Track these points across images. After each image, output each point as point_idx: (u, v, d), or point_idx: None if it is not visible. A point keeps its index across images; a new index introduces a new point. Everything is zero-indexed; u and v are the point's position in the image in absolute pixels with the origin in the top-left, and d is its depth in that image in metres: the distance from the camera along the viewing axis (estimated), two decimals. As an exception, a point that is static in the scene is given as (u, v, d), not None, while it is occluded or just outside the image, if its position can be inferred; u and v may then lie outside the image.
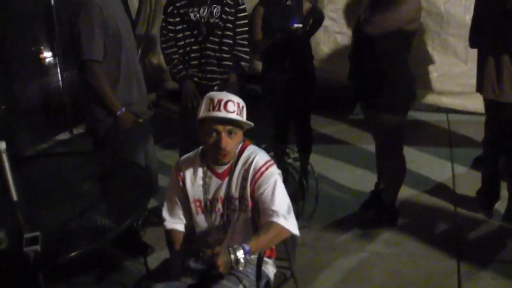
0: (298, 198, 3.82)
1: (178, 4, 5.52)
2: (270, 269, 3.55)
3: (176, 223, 3.58)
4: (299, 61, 5.94)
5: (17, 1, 7.77)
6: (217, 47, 5.56)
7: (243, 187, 3.37)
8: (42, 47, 8.34)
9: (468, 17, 7.32)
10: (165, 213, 3.58)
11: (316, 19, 6.11)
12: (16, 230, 3.47)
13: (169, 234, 3.57)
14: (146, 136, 5.38)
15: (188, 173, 3.48)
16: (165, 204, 3.60)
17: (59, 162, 4.91)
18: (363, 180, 6.43)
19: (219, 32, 5.54)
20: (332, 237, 5.43)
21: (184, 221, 3.60)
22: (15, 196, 3.74)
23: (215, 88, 5.49)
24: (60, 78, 8.26)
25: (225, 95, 3.25)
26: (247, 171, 3.35)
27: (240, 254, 2.96)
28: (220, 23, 5.51)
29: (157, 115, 5.53)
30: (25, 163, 4.87)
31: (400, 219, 5.53)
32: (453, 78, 7.71)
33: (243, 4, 5.69)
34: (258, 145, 3.56)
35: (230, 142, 3.25)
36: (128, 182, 4.20)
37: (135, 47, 5.34)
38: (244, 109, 3.32)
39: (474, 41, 5.36)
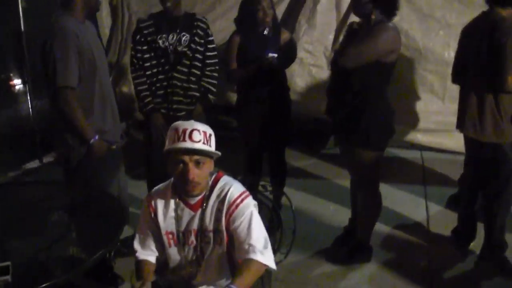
0: (274, 230, 3.73)
1: (145, 32, 5.48)
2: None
3: (148, 254, 3.44)
4: (276, 93, 5.87)
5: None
6: (184, 77, 5.49)
7: (217, 220, 3.26)
8: (11, 74, 8.23)
9: (446, 54, 7.36)
10: (136, 245, 3.44)
11: (289, 54, 6.03)
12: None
13: (140, 264, 3.40)
14: (118, 165, 5.25)
15: (160, 205, 3.36)
16: (137, 236, 3.46)
17: (29, 191, 4.75)
18: (337, 215, 6.34)
19: (187, 62, 5.48)
20: (305, 272, 5.33)
21: (156, 253, 3.46)
22: (-17, 226, 3.60)
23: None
24: (30, 106, 8.10)
25: (190, 124, 3.16)
26: (221, 203, 3.25)
27: None
28: (189, 52, 5.46)
29: (126, 145, 5.42)
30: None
31: (373, 255, 5.45)
32: (429, 115, 7.67)
33: (211, 35, 5.67)
34: (234, 177, 3.47)
35: (198, 173, 3.15)
36: (101, 213, 4.06)
37: (108, 76, 5.21)
38: (212, 137, 3.22)
39: (456, 77, 5.33)
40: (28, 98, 8.11)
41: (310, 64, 7.85)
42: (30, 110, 8.13)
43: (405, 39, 7.14)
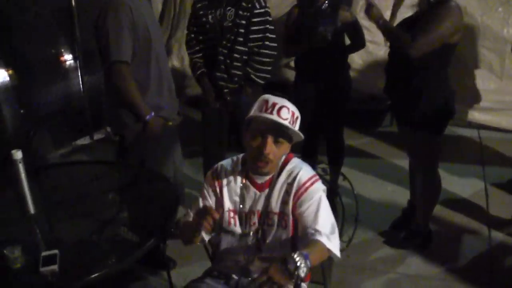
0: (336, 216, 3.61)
1: (198, 6, 5.39)
2: (304, 294, 3.30)
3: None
4: (332, 70, 5.74)
5: (37, 2, 7.61)
6: (226, 52, 5.33)
7: (284, 202, 3.14)
8: (62, 50, 8.20)
9: (505, 31, 7.16)
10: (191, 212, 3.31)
11: (356, 41, 5.94)
12: (32, 247, 3.24)
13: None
14: (174, 143, 5.18)
15: (226, 181, 3.26)
16: (195, 208, 3.29)
17: (80, 171, 4.71)
18: (394, 197, 6.25)
19: (232, 37, 5.30)
20: (362, 256, 5.23)
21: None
22: (32, 209, 3.55)
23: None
24: (80, 82, 8.07)
25: (281, 100, 3.02)
26: (290, 185, 3.13)
27: (300, 259, 2.65)
28: (234, 27, 5.27)
29: (180, 123, 5.34)
30: (43, 172, 4.68)
31: (432, 239, 5.33)
32: (487, 93, 7.49)
33: (262, 8, 5.35)
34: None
35: (274, 151, 3.04)
36: (155, 194, 4.00)
37: (165, 51, 5.09)
38: (298, 120, 3.08)
39: None
40: (79, 74, 8.06)
41: (368, 41, 7.65)
42: (81, 86, 8.09)
43: (464, 16, 6.98)
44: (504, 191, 6.39)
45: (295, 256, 2.64)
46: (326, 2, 5.56)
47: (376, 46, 7.52)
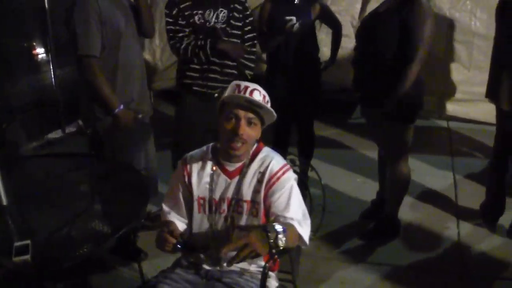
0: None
1: (182, 6, 5.18)
2: (272, 283, 3.35)
3: (177, 218, 3.34)
4: (303, 62, 5.78)
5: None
6: (222, 54, 5.28)
7: (256, 191, 3.18)
8: (34, 43, 8.20)
9: (473, 24, 7.25)
10: (165, 206, 3.36)
11: (333, 28, 6.04)
12: (5, 238, 3.28)
13: (167, 223, 3.26)
14: (146, 135, 5.24)
15: (195, 169, 3.29)
16: (167, 197, 3.39)
17: (53, 163, 4.70)
18: (364, 188, 6.33)
19: (226, 38, 5.24)
20: (331, 247, 5.30)
21: (185, 220, 3.36)
22: (4, 201, 3.57)
23: (215, 95, 5.24)
24: (52, 75, 8.06)
25: (252, 84, 3.11)
26: (262, 174, 3.18)
27: (279, 229, 2.73)
28: (228, 28, 5.22)
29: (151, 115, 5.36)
30: (16, 164, 4.70)
31: (401, 229, 5.42)
32: (456, 84, 7.59)
33: (249, 9, 5.44)
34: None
35: (248, 131, 3.09)
36: (126, 186, 4.00)
37: (138, 42, 5.11)
38: (269, 104, 3.16)
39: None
40: (51, 67, 8.05)
41: (337, 34, 7.80)
42: (53, 79, 8.08)
43: (433, 12, 7.08)
44: (473, 182, 6.47)
45: (275, 226, 2.73)
46: None
47: (347, 39, 7.56)
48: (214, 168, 3.26)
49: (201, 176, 3.27)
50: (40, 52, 8.15)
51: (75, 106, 5.14)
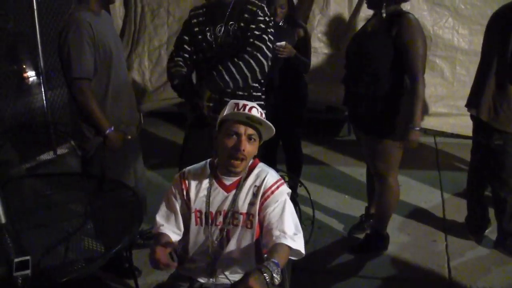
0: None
1: (194, 21, 4.90)
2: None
3: (171, 231, 3.36)
4: (288, 82, 5.89)
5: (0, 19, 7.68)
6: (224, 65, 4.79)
7: (251, 204, 3.28)
8: (25, 66, 8.25)
9: (455, 40, 7.39)
10: (159, 218, 3.39)
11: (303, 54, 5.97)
12: (4, 254, 3.36)
13: (161, 236, 3.30)
14: (135, 155, 5.31)
15: (193, 183, 3.37)
16: (161, 210, 3.41)
17: (45, 183, 4.80)
18: (352, 204, 6.42)
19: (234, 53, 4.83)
20: (321, 261, 5.36)
21: (178, 233, 3.39)
22: (3, 219, 3.63)
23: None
24: (44, 97, 8.11)
25: (249, 103, 3.23)
26: (258, 188, 3.28)
27: (273, 268, 2.76)
28: (235, 42, 4.75)
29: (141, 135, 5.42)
30: (11, 183, 4.75)
31: (390, 244, 5.48)
32: (440, 99, 7.70)
33: (265, 16, 4.78)
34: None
35: (249, 148, 3.18)
36: (118, 204, 4.12)
37: (125, 66, 5.19)
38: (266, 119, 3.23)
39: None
40: (42, 89, 8.11)
41: (323, 53, 7.89)
42: (44, 101, 8.13)
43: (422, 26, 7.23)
44: (460, 196, 6.53)
45: (269, 266, 2.77)
46: (283, 19, 5.72)
47: (333, 58, 7.68)
48: (211, 182, 3.34)
49: (199, 190, 3.34)
50: (31, 74, 8.21)
51: (66, 127, 5.20)
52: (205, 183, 3.36)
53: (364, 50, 4.89)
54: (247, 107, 3.16)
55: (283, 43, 5.47)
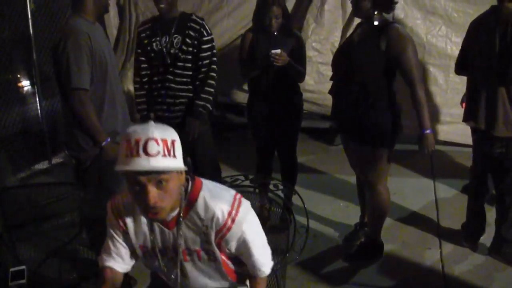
0: (287, 229, 3.74)
1: (142, 35, 5.55)
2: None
3: (115, 262, 3.03)
4: (283, 91, 5.86)
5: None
6: (178, 79, 5.45)
7: (206, 242, 2.84)
8: (20, 76, 8.24)
9: (449, 48, 7.44)
10: (104, 255, 3.04)
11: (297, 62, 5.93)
12: (0, 264, 3.37)
13: (103, 272, 3.02)
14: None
15: (129, 220, 2.90)
16: (106, 245, 3.03)
17: (40, 193, 4.78)
18: (347, 212, 6.43)
19: (180, 64, 5.42)
20: (316, 269, 5.35)
21: (126, 263, 3.05)
22: (-1, 228, 3.64)
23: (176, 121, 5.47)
24: (39, 107, 8.12)
25: (144, 132, 2.50)
26: (207, 227, 2.79)
27: None
28: (180, 54, 5.40)
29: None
30: (6, 193, 4.74)
31: (384, 251, 5.48)
32: (434, 107, 7.74)
33: (207, 35, 5.47)
34: (246, 176, 3.45)
35: (161, 195, 2.57)
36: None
37: (119, 76, 5.20)
38: (176, 143, 2.59)
39: (461, 69, 5.36)
40: (37, 99, 8.11)
41: (318, 62, 7.92)
42: (39, 111, 8.12)
43: (410, 35, 7.24)
44: (454, 203, 6.56)
45: None
46: (278, 29, 5.69)
47: (327, 67, 7.69)
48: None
49: (139, 225, 2.91)
50: (25, 84, 8.19)
51: (61, 136, 5.20)
52: (143, 219, 2.88)
53: (352, 61, 4.90)
54: (141, 144, 2.47)
55: (278, 50, 5.46)
